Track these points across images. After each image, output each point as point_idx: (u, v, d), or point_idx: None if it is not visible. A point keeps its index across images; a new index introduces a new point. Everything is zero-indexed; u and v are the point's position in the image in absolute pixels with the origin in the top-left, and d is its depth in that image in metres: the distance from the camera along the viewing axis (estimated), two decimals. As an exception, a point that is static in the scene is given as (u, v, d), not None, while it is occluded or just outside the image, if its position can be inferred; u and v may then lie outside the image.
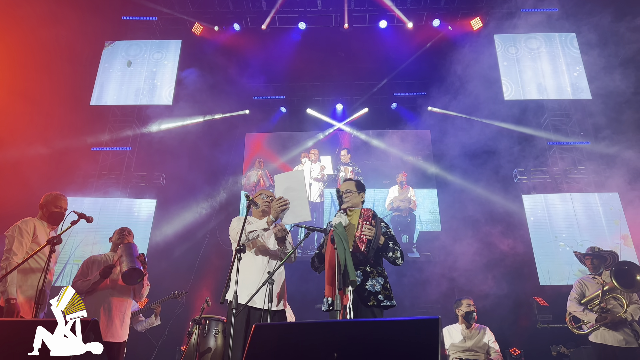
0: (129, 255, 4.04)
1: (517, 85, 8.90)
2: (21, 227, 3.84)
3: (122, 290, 4.28)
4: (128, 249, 4.12)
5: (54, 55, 7.94)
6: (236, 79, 9.39)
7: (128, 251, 4.09)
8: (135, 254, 4.10)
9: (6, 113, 7.37)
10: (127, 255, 4.04)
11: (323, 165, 9.46)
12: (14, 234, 3.78)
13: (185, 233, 8.48)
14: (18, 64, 7.77)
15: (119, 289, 4.26)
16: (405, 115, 9.89)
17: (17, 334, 2.05)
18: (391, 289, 3.35)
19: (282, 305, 3.51)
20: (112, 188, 8.84)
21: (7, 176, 7.18)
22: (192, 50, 9.59)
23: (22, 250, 3.74)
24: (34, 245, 3.83)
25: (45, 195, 4.14)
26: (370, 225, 3.25)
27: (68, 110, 8.27)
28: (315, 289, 6.72)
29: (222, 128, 9.56)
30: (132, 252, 4.11)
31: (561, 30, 9.19)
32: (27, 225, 3.86)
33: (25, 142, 7.70)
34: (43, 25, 7.82)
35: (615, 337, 4.57)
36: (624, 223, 7.76)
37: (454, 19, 9.40)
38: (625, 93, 7.94)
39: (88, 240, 8.06)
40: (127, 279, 4.03)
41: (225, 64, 9.45)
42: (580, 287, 4.98)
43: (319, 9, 9.34)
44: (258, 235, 3.37)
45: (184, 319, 7.26)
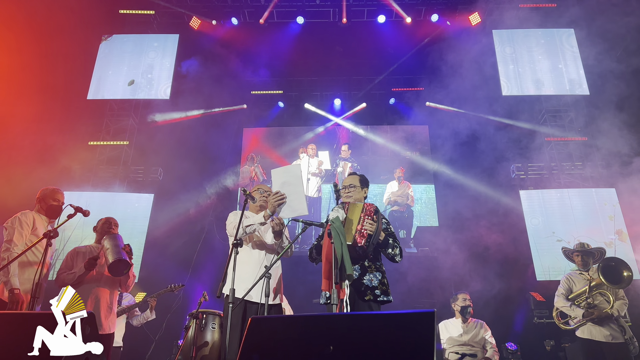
0: (115, 247, 3.94)
1: (515, 80, 8.90)
2: (21, 218, 3.87)
3: (109, 281, 4.21)
4: (113, 239, 4.01)
5: (51, 48, 7.91)
6: (234, 74, 9.37)
7: (113, 242, 3.98)
8: (120, 244, 4.00)
9: (2, 106, 7.34)
10: (112, 246, 3.94)
11: (321, 160, 9.45)
12: (14, 225, 3.81)
13: (182, 227, 8.48)
14: (15, 57, 7.73)
15: (105, 281, 4.18)
16: (403, 110, 9.88)
17: (16, 327, 2.05)
18: (388, 284, 3.35)
19: (278, 299, 3.53)
20: (110, 182, 8.83)
21: (4, 170, 7.16)
22: (189, 45, 9.54)
23: (22, 242, 3.77)
24: (33, 237, 3.85)
25: (42, 189, 4.16)
26: (372, 220, 3.26)
27: (65, 103, 8.25)
28: (313, 282, 6.75)
29: (219, 122, 9.53)
30: (118, 242, 4.00)
31: (559, 26, 9.17)
32: (26, 217, 3.90)
33: (22, 135, 7.68)
34: (40, 18, 7.78)
35: (602, 332, 4.63)
36: (620, 218, 7.79)
37: (453, 14, 9.39)
38: (623, 88, 7.95)
39: (85, 234, 8.04)
40: (113, 271, 3.93)
41: (223, 58, 9.42)
42: (567, 282, 5.03)
43: (317, 3, 9.31)
44: (255, 229, 3.38)
45: (181, 313, 7.27)
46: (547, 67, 8.94)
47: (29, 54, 7.85)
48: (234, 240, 3.06)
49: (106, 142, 9.06)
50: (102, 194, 8.59)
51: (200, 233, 8.54)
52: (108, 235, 4.14)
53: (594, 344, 4.64)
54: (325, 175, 9.33)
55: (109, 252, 3.92)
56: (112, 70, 9.29)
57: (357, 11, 9.46)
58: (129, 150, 9.14)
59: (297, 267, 7.09)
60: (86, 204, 8.12)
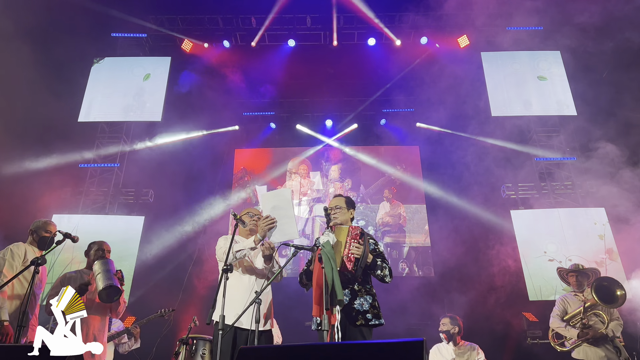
0: (106, 272, 3.84)
1: (504, 101, 9.02)
2: (13, 250, 3.82)
3: (99, 308, 4.11)
4: (104, 265, 3.91)
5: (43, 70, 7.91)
6: (226, 95, 9.43)
7: (105, 267, 3.88)
8: (112, 270, 3.92)
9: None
10: (104, 272, 3.84)
11: (312, 181, 9.47)
12: (5, 257, 3.76)
13: (173, 250, 8.41)
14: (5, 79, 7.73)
15: (96, 307, 4.09)
16: (394, 131, 9.97)
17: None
18: (379, 307, 3.32)
19: (269, 325, 3.49)
20: (100, 205, 8.77)
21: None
22: (181, 67, 9.60)
23: (12, 274, 3.67)
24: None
25: (34, 221, 4.14)
26: (358, 244, 3.24)
27: (56, 126, 8.22)
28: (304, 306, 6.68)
29: (211, 144, 9.56)
30: (110, 268, 3.91)
31: (546, 48, 9.37)
32: (18, 249, 3.85)
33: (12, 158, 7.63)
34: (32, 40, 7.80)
35: (597, 354, 4.61)
36: (610, 237, 7.83)
37: (441, 37, 9.54)
38: (610, 108, 8.09)
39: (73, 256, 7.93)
40: (103, 297, 3.82)
41: (215, 80, 9.49)
42: (562, 304, 5.06)
43: (308, 27, 9.45)
44: (245, 254, 3.36)
45: (171, 338, 7.15)
46: (534, 88, 9.09)
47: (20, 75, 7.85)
48: (224, 266, 3.04)
49: (97, 164, 9.01)
50: (93, 216, 8.52)
51: (191, 256, 8.48)
52: (99, 260, 4.04)
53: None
54: (316, 196, 9.34)
55: (99, 277, 3.82)
56: (103, 92, 9.30)
57: (348, 34, 9.60)
58: (119, 173, 9.10)
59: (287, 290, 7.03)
60: (76, 227, 8.13)
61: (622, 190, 7.45)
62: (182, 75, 9.45)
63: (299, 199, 9.29)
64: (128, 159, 9.23)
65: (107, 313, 4.25)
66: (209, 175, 9.14)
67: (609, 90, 8.17)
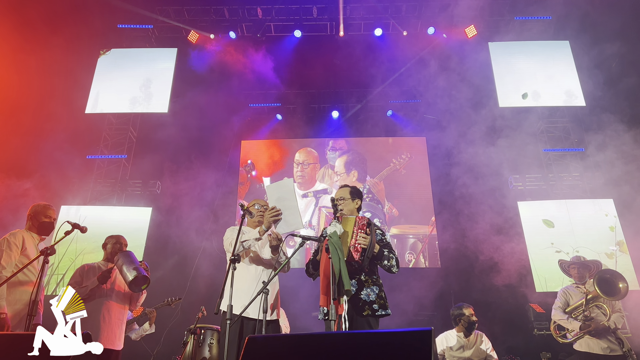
0: (132, 263, 3.93)
1: (512, 92, 8.94)
2: (9, 240, 3.78)
3: (120, 297, 4.20)
4: (128, 256, 4.00)
5: (50, 62, 7.94)
6: (232, 87, 9.41)
7: (129, 259, 3.97)
8: (136, 261, 4.00)
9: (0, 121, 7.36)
10: (129, 262, 3.92)
11: (318, 172, 9.46)
12: (2, 247, 3.71)
13: (180, 241, 8.44)
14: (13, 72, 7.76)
15: (117, 295, 4.17)
16: (400, 122, 9.92)
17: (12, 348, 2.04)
18: (386, 298, 3.33)
19: (275, 315, 3.50)
20: (108, 196, 8.82)
21: (2, 184, 7.16)
22: (188, 58, 9.59)
23: (10, 264, 3.68)
24: (23, 258, 3.76)
25: (33, 205, 4.08)
26: (365, 234, 3.24)
27: (63, 118, 8.25)
28: (312, 296, 6.71)
29: (218, 135, 9.55)
30: (134, 259, 4.00)
31: (555, 38, 9.26)
32: (15, 238, 3.80)
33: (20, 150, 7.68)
34: (39, 32, 7.82)
35: (600, 345, 4.63)
36: (619, 229, 7.78)
37: (449, 27, 9.46)
38: (619, 99, 8.00)
39: (81, 248, 8.01)
40: (133, 287, 3.92)
41: (221, 71, 9.47)
42: (564, 296, 5.06)
43: (314, 17, 9.40)
44: (250, 244, 3.37)
45: (179, 328, 7.21)
46: (543, 78, 8.99)
47: (26, 68, 7.88)
48: (231, 256, 3.06)
49: (104, 156, 9.05)
50: (100, 207, 8.57)
51: (198, 247, 8.51)
52: (121, 251, 4.11)
53: (592, 356, 4.63)
54: (322, 187, 9.33)
55: (126, 268, 3.90)
56: (110, 84, 9.32)
57: (354, 24, 9.55)
58: (127, 164, 9.14)
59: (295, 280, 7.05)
60: (84, 218, 8.19)
61: (630, 182, 7.39)
62: (191, 62, 9.44)
63: (305, 190, 9.29)
64: (135, 150, 9.26)
65: (127, 302, 4.32)
66: (215, 166, 9.15)
67: (617, 81, 8.08)
